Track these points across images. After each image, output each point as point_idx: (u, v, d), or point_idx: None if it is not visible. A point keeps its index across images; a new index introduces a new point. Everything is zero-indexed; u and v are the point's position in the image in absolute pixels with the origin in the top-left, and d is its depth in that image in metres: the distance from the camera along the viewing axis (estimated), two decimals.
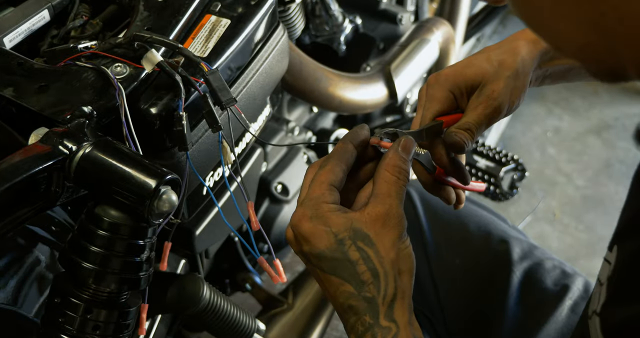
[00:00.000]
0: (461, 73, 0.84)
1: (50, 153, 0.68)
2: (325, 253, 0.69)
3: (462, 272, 1.11)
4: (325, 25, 1.38)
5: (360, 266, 0.68)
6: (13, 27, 0.85)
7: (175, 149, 0.83)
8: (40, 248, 0.88)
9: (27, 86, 0.77)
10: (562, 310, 1.02)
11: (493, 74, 0.83)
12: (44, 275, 0.88)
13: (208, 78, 0.78)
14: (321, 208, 0.70)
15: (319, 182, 0.72)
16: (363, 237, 0.69)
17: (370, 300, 0.68)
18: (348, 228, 0.69)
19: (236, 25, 0.90)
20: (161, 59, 0.78)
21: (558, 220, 2.46)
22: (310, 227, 0.69)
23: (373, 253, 0.69)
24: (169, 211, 0.68)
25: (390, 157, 0.73)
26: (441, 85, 0.85)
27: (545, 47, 0.86)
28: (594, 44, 0.50)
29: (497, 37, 2.85)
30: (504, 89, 0.83)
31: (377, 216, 0.70)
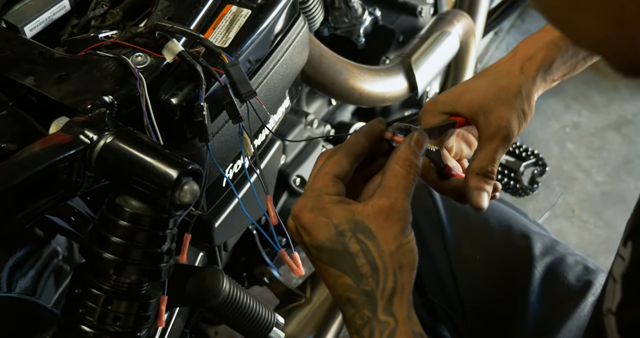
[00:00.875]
0: (459, 98, 0.83)
1: (71, 142, 0.67)
2: (325, 245, 0.68)
3: (482, 268, 1.10)
4: (344, 17, 1.37)
5: (360, 259, 0.68)
6: (34, 16, 0.85)
7: (195, 140, 0.83)
8: (59, 239, 0.88)
9: (48, 75, 0.76)
10: (585, 307, 1.01)
11: (495, 99, 0.81)
12: (62, 266, 0.88)
13: (229, 70, 0.77)
14: (322, 200, 0.70)
15: (323, 173, 0.72)
16: (364, 229, 0.68)
17: (369, 293, 0.67)
18: (349, 220, 0.68)
19: (257, 16, 0.89)
20: (182, 49, 0.77)
21: (577, 216, 2.44)
22: (310, 217, 0.69)
23: (373, 246, 0.68)
24: (190, 202, 0.67)
25: (402, 150, 0.72)
26: (438, 111, 0.83)
27: (543, 60, 0.84)
28: (614, 38, 0.49)
29: (515, 31, 2.82)
30: (513, 114, 0.81)
31: (380, 209, 0.69)
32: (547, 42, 0.86)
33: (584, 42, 0.54)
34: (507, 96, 0.81)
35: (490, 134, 0.80)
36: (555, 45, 0.85)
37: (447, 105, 0.83)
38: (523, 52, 0.85)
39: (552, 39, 0.86)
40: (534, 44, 0.86)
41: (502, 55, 2.65)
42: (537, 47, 0.85)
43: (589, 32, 0.51)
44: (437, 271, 1.13)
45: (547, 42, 0.86)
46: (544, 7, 0.52)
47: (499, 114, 0.81)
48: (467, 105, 0.82)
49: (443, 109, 0.83)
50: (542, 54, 0.85)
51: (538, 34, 0.88)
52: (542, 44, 0.85)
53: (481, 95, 0.82)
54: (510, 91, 0.82)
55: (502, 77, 0.84)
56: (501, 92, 0.82)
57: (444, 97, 0.84)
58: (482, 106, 0.81)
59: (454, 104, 0.82)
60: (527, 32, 2.81)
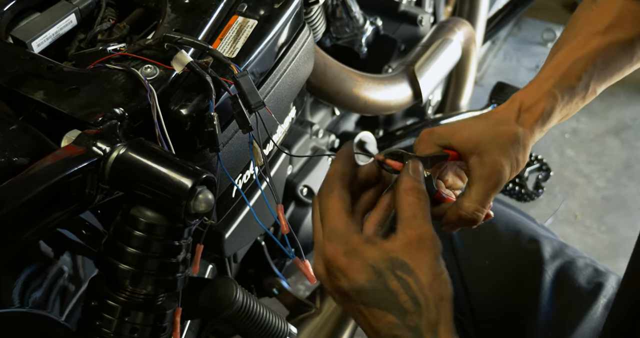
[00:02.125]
0: (455, 133, 0.83)
1: (84, 155, 0.67)
2: (366, 287, 0.68)
3: (492, 273, 1.10)
4: (346, 27, 1.37)
5: (402, 295, 0.68)
6: (41, 31, 0.85)
7: (205, 150, 0.83)
8: (69, 253, 0.88)
9: (58, 89, 0.77)
10: (597, 309, 1.00)
11: (491, 142, 0.81)
12: (73, 279, 0.88)
13: (238, 80, 0.77)
14: (352, 241, 0.70)
15: (336, 212, 0.72)
16: (400, 265, 0.69)
17: (414, 328, 0.68)
18: (385, 258, 0.69)
19: (263, 26, 0.89)
20: (191, 60, 0.78)
21: (579, 221, 2.44)
22: (346, 261, 0.69)
23: (412, 281, 0.68)
24: (205, 211, 0.67)
25: (406, 180, 0.73)
26: (434, 142, 0.83)
27: (542, 112, 0.85)
28: None
29: (512, 39, 2.84)
30: (507, 161, 0.81)
31: (409, 240, 0.70)
32: (545, 93, 0.85)
33: None
34: (503, 142, 0.81)
35: (483, 176, 0.80)
36: (553, 96, 0.85)
37: (443, 138, 0.83)
38: (521, 102, 0.85)
39: (550, 88, 0.86)
40: (533, 94, 0.86)
41: (499, 63, 2.68)
42: (536, 98, 0.85)
43: None
44: None
45: (546, 92, 0.85)
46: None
47: (493, 158, 0.80)
48: (463, 142, 0.82)
49: (438, 141, 0.83)
50: (541, 106, 0.85)
51: (536, 82, 0.88)
52: (540, 94, 0.85)
53: (478, 135, 0.82)
54: (507, 138, 0.82)
55: (501, 123, 0.84)
56: (498, 137, 0.82)
57: (441, 129, 0.84)
58: (477, 146, 0.81)
59: (450, 138, 0.82)
60: (524, 40, 2.83)
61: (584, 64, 0.88)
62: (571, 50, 0.89)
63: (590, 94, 0.90)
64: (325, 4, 1.35)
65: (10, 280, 0.78)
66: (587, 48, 0.88)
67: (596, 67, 0.88)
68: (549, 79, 0.87)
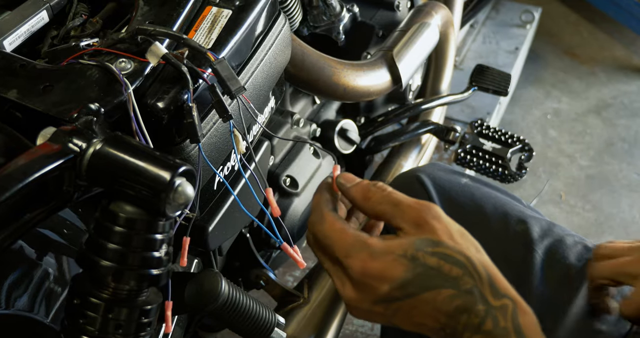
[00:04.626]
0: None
1: (60, 152, 0.66)
2: (408, 277, 0.67)
3: None
4: (323, 15, 1.36)
5: (444, 266, 0.67)
6: (12, 29, 0.84)
7: (183, 144, 0.82)
8: (52, 254, 0.87)
9: (31, 87, 0.76)
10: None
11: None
12: (57, 280, 0.87)
13: (216, 68, 0.77)
14: (370, 244, 0.69)
15: (340, 230, 0.71)
16: (426, 242, 0.68)
17: (471, 290, 0.67)
18: (408, 244, 0.68)
19: (238, 16, 0.88)
20: (166, 51, 0.77)
21: (564, 201, 2.45)
22: (377, 264, 0.68)
23: (445, 249, 0.68)
24: (185, 203, 0.66)
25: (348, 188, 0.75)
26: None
27: None
28: None
29: (491, 22, 2.83)
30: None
31: (416, 222, 0.69)
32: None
33: None
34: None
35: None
36: None
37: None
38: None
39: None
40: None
41: (479, 47, 2.68)
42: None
43: None
44: None
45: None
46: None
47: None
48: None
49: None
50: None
51: None
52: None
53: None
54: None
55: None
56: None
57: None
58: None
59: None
60: (503, 23, 2.83)
61: None
62: None
63: None
64: None
65: None
66: None
67: None
68: None
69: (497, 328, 0.66)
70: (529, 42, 2.80)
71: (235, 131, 0.79)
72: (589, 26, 3.26)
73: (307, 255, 2.12)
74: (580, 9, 3.31)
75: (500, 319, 0.66)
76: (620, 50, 3.14)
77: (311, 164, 1.36)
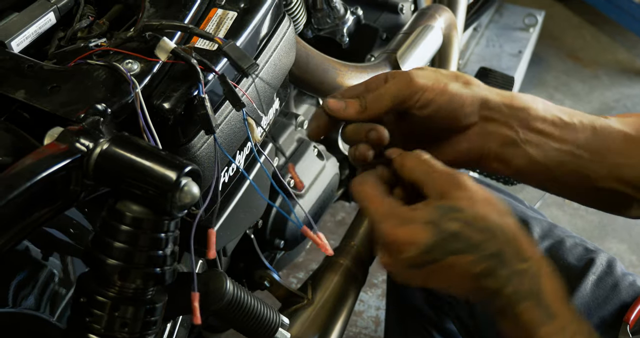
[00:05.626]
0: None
1: (67, 151, 0.67)
2: (431, 242, 0.69)
3: None
4: (327, 18, 1.37)
5: (466, 232, 0.69)
6: (20, 30, 0.85)
7: (189, 144, 0.83)
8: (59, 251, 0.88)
9: (39, 88, 0.76)
10: (587, 285, 1.01)
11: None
12: (63, 278, 0.88)
13: (225, 50, 0.78)
14: (398, 213, 0.71)
15: (373, 198, 0.74)
16: (449, 208, 0.70)
17: (493, 255, 0.69)
18: (434, 210, 0.70)
19: (243, 18, 0.89)
20: (175, 46, 0.78)
21: (568, 204, 2.45)
22: (403, 231, 0.70)
23: (468, 215, 0.70)
24: (191, 203, 0.67)
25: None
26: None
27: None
28: None
29: (494, 25, 2.84)
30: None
31: (441, 190, 0.71)
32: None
33: None
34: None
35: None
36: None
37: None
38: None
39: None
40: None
41: (482, 50, 2.68)
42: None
43: None
44: None
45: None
46: None
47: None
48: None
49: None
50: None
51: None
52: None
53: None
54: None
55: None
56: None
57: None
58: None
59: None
60: (506, 26, 2.83)
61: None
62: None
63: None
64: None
65: (2, 281, 0.77)
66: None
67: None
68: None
69: (518, 292, 0.68)
70: (532, 46, 2.80)
71: (249, 119, 0.80)
72: (592, 29, 3.27)
73: (312, 257, 2.12)
74: (583, 12, 3.31)
75: (522, 281, 0.69)
76: (623, 53, 3.14)
77: (315, 166, 1.37)
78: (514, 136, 0.79)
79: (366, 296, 2.09)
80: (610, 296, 1.01)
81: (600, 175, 0.79)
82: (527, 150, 0.79)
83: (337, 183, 1.48)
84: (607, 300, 1.00)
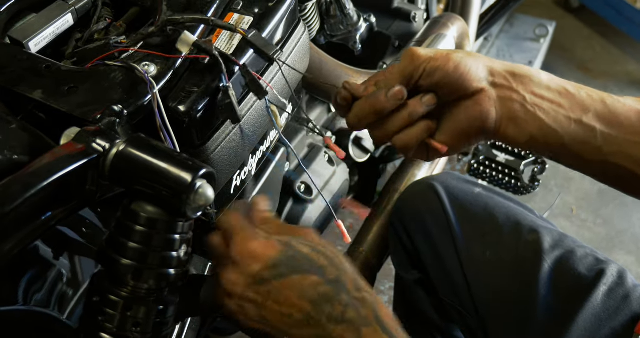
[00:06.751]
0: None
1: (84, 151, 0.67)
2: (279, 257, 0.72)
3: (492, 264, 1.10)
4: (340, 24, 1.38)
5: (314, 255, 0.73)
6: (38, 31, 0.86)
7: (204, 147, 0.83)
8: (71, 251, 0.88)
9: (56, 88, 0.77)
10: (597, 295, 1.01)
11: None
12: (74, 277, 0.88)
13: (249, 39, 0.79)
14: (249, 228, 0.75)
15: (236, 216, 0.77)
16: (297, 237, 0.75)
17: (335, 280, 0.71)
18: (286, 232, 0.76)
19: (259, 22, 0.90)
20: (196, 39, 0.78)
21: (575, 215, 2.45)
22: (255, 244, 0.73)
23: (314, 244, 0.74)
24: (205, 204, 0.67)
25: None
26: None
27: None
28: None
29: (505, 35, 2.84)
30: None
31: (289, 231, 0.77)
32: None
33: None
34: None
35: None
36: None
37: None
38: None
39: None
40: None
41: None
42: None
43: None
44: (447, 270, 1.14)
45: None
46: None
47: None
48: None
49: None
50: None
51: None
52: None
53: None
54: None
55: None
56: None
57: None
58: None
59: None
60: (517, 36, 2.84)
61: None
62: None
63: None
64: (319, 2, 1.35)
65: (15, 279, 0.78)
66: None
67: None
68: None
69: (359, 317, 0.70)
70: (543, 56, 2.80)
71: (273, 107, 0.81)
72: (602, 41, 3.27)
73: None
74: (594, 23, 3.31)
75: (361, 308, 0.71)
76: (633, 65, 3.14)
77: (326, 171, 1.37)
78: (522, 100, 0.80)
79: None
80: (622, 307, 1.00)
81: (612, 150, 0.79)
82: (537, 114, 0.79)
83: (346, 189, 1.48)
84: (618, 311, 1.00)
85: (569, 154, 0.81)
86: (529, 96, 0.80)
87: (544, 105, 0.80)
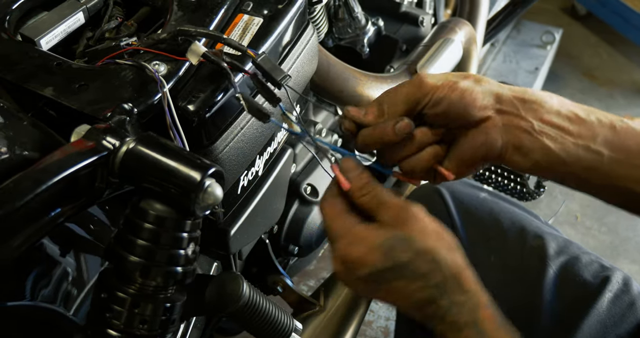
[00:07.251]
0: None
1: (94, 149, 0.68)
2: (380, 267, 0.73)
3: (497, 269, 1.10)
4: (348, 28, 1.38)
5: (415, 262, 0.74)
6: (49, 29, 0.86)
7: (212, 146, 0.84)
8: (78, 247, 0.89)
9: (67, 86, 0.78)
10: (603, 302, 1.01)
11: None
12: (81, 274, 0.88)
13: (259, 63, 0.79)
14: (353, 233, 0.75)
15: (332, 215, 0.77)
16: (398, 237, 0.74)
17: (437, 285, 0.73)
18: (387, 237, 0.74)
19: (269, 24, 0.90)
20: (206, 50, 0.79)
21: (580, 223, 2.45)
22: (356, 251, 0.74)
23: (418, 247, 0.74)
24: (214, 203, 0.68)
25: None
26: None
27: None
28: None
29: (511, 41, 2.85)
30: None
31: (393, 221, 0.75)
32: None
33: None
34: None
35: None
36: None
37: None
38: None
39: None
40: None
41: (499, 65, 2.69)
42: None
43: None
44: None
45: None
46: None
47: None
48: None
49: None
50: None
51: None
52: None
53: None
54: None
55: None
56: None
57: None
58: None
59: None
60: (523, 42, 2.84)
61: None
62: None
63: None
64: (328, 5, 1.36)
65: (22, 275, 0.78)
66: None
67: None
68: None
69: (458, 322, 0.73)
70: (549, 63, 2.81)
71: (286, 113, 0.82)
72: (608, 49, 3.27)
73: (323, 265, 2.13)
74: (601, 31, 3.31)
75: (460, 313, 0.73)
76: (639, 73, 3.14)
77: (332, 173, 1.37)
78: (529, 127, 0.79)
79: (376, 306, 2.08)
80: (627, 314, 1.00)
81: (619, 174, 0.78)
82: (544, 142, 0.79)
83: None
84: (624, 318, 1.00)
85: (574, 178, 0.81)
86: (536, 123, 0.79)
87: (551, 132, 0.79)
